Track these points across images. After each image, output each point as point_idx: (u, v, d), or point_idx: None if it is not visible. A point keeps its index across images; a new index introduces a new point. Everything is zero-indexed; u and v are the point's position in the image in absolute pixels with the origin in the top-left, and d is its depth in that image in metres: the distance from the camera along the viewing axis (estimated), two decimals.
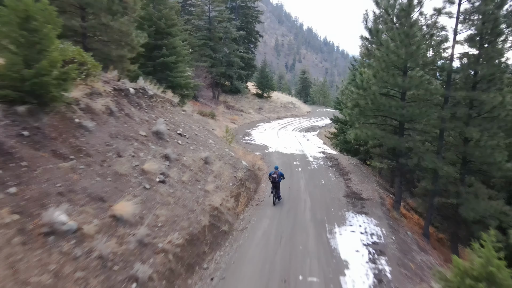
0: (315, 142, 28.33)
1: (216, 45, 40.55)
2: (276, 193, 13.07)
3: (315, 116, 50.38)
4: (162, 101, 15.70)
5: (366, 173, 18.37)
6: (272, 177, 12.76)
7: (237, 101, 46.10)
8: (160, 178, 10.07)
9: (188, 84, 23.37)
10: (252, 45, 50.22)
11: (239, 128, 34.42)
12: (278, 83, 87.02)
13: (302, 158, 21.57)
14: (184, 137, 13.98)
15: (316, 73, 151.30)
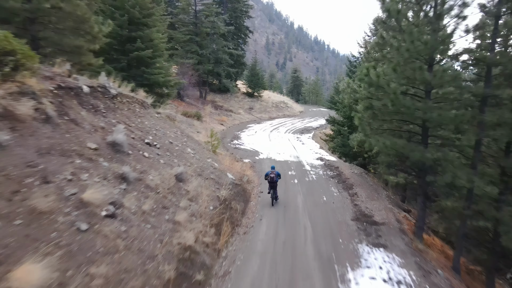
0: (311, 146, 25.60)
1: (203, 41, 37.55)
2: (274, 193, 12.79)
3: (308, 116, 47.72)
4: (130, 102, 12.75)
5: (374, 185, 15.66)
6: (270, 177, 12.39)
7: (226, 101, 43.17)
8: (108, 210, 7.12)
9: (168, 82, 20.42)
10: (242, 41, 47.26)
11: (228, 130, 31.54)
12: (269, 82, 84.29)
13: (298, 166, 18.80)
14: (153, 148, 11.07)
15: (307, 72, 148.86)
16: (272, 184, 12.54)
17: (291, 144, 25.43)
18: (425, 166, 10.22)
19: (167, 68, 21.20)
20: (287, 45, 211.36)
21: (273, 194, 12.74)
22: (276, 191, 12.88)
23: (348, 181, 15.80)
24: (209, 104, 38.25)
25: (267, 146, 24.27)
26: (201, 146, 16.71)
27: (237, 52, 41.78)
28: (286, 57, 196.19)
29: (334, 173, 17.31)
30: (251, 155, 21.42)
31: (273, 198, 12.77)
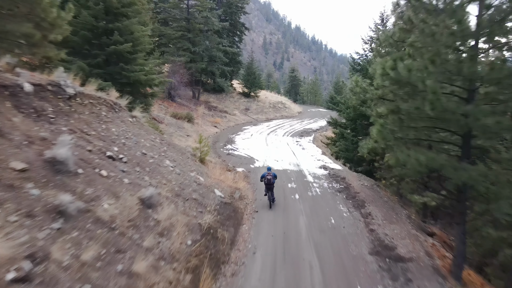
0: (312, 151, 23.14)
1: (195, 38, 35.05)
2: (271, 195, 12.30)
3: (307, 117, 45.29)
4: (94, 104, 10.27)
5: (389, 201, 13.18)
6: (267, 179, 12.02)
7: (221, 101, 40.67)
8: (20, 270, 4.66)
9: (152, 80, 17.90)
10: (238, 39, 44.75)
11: (221, 133, 29.05)
12: (267, 82, 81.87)
13: (298, 176, 16.35)
14: (118, 162, 8.57)
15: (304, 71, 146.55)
16: (269, 186, 12.09)
17: (290, 150, 22.97)
18: (466, 188, 7.81)
19: (150, 65, 18.70)
20: (285, 45, 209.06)
21: (270, 196, 12.27)
22: (273, 192, 12.39)
23: (359, 196, 13.35)
24: (202, 104, 35.75)
25: (263, 151, 21.82)
26: (186, 155, 14.22)
27: (232, 49, 39.29)
28: (283, 57, 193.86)
29: (341, 185, 14.86)
30: (246, 162, 18.96)
31: (270, 200, 12.29)
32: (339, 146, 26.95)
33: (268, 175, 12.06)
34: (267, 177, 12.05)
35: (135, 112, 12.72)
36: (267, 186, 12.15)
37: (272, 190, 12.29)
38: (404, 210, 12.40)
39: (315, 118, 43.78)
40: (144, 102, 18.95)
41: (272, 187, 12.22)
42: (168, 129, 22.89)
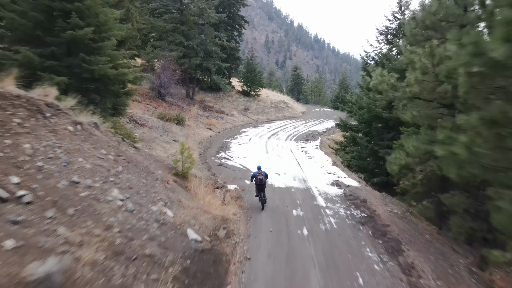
0: (321, 161, 19.38)
1: (189, 31, 31.38)
2: (262, 195, 11.54)
3: (311, 117, 41.53)
4: (3, 107, 6.77)
5: (433, 240, 9.47)
6: (258, 179, 11.22)
7: (218, 101, 37.00)
8: None
9: (123, 75, 14.26)
10: (237, 33, 41.00)
11: (216, 137, 25.39)
12: (269, 80, 78.18)
13: (306, 198, 12.64)
14: (12, 205, 4.98)
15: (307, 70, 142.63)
16: (260, 187, 11.45)
17: (295, 158, 19.25)
18: None
19: (123, 57, 15.06)
20: (287, 44, 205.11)
21: (262, 197, 11.62)
22: (265, 193, 11.68)
23: (390, 231, 9.64)
24: (197, 104, 32.11)
25: (263, 161, 18.16)
26: (154, 175, 10.56)
27: (230, 44, 35.55)
28: (286, 56, 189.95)
29: (363, 213, 11.12)
30: (241, 176, 15.32)
31: (262, 202, 11.66)
32: (350, 153, 23.32)
33: (259, 175, 11.35)
34: (258, 177, 11.32)
35: (82, 117, 9.06)
36: (259, 186, 11.44)
37: (263, 190, 11.58)
38: (462, 259, 8.62)
39: (321, 119, 40.04)
40: (116, 103, 15.38)
41: (264, 188, 11.52)
42: (150, 134, 19.28)
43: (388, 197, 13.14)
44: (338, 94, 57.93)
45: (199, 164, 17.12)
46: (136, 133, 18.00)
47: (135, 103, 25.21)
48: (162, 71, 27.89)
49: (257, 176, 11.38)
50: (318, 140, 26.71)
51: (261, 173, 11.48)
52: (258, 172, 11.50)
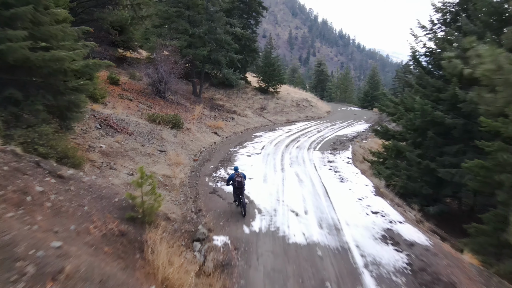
0: (358, 187, 13.40)
1: (196, 16, 26.11)
2: (242, 199, 10.01)
3: (338, 118, 35.47)
4: None
5: None
6: (237, 181, 9.84)
7: (230, 98, 31.63)
8: None
9: (59, 61, 9.14)
10: (253, 21, 35.37)
11: (221, 144, 20.03)
12: (291, 77, 72.23)
13: (343, 276, 6.95)
14: None
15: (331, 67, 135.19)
16: (240, 190, 9.93)
17: (320, 181, 13.50)
18: None
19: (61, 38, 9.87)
20: (311, 40, 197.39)
21: (242, 201, 9.98)
22: (244, 196, 10.09)
23: None
24: (204, 103, 26.88)
25: (275, 186, 12.61)
26: (82, 227, 5.21)
27: (245, 33, 29.90)
28: (309, 52, 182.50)
29: None
30: (237, 217, 9.88)
31: (242, 207, 9.99)
32: (393, 168, 17.45)
33: (237, 177, 9.91)
34: (236, 179, 9.87)
35: None
36: (238, 190, 9.94)
37: (243, 193, 10.05)
38: None
39: (349, 121, 33.94)
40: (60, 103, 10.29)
41: (243, 190, 10.03)
42: (125, 143, 14.12)
43: (493, 278, 7.25)
44: (368, 92, 51.36)
45: (183, 190, 11.79)
46: (101, 144, 12.89)
47: (126, 102, 20.23)
48: (160, 62, 22.78)
49: (235, 178, 9.97)
50: (349, 149, 20.82)
51: (239, 174, 10.08)
52: (236, 174, 10.08)
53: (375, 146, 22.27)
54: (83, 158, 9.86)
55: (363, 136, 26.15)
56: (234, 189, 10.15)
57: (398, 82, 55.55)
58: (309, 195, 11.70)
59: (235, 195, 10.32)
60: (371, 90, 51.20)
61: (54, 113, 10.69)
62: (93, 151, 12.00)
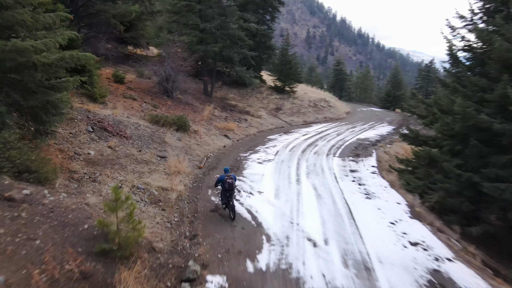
0: (388, 205, 11.13)
1: (207, 11, 24.26)
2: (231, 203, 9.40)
3: (359, 120, 32.99)
4: None
5: None
6: (228, 182, 9.20)
7: (243, 98, 29.68)
8: None
9: (22, 53, 7.43)
10: (269, 16, 33.25)
11: (231, 149, 18.10)
12: (309, 76, 69.73)
13: None
14: None
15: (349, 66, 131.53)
16: (230, 192, 9.35)
17: (343, 198, 11.33)
18: None
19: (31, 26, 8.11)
20: (329, 39, 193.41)
21: (231, 205, 9.42)
22: (233, 198, 9.50)
23: None
24: (215, 103, 25.03)
25: (287, 204, 10.58)
26: None
27: (260, 28, 27.80)
28: (327, 51, 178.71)
29: None
30: (241, 245, 7.88)
31: (231, 210, 9.45)
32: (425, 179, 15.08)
33: (228, 178, 9.25)
34: (227, 180, 9.22)
35: None
36: (228, 192, 9.30)
37: (232, 196, 9.47)
38: None
39: (371, 122, 31.42)
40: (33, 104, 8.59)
41: (233, 193, 9.46)
42: (119, 149, 12.36)
43: None
44: (390, 92, 48.45)
45: (180, 207, 9.89)
46: (90, 151, 11.15)
47: (129, 101, 18.60)
48: (167, 59, 21.04)
49: (226, 180, 9.30)
50: (373, 155, 18.52)
51: (230, 175, 9.41)
52: (226, 175, 9.40)
53: (401, 152, 19.84)
54: (55, 170, 8.08)
55: (387, 140, 23.72)
56: (223, 191, 9.52)
57: (421, 82, 52.41)
58: (329, 217, 9.60)
59: (224, 197, 9.62)
60: (393, 90, 48.27)
61: (27, 115, 9.00)
62: (78, 159, 10.26)
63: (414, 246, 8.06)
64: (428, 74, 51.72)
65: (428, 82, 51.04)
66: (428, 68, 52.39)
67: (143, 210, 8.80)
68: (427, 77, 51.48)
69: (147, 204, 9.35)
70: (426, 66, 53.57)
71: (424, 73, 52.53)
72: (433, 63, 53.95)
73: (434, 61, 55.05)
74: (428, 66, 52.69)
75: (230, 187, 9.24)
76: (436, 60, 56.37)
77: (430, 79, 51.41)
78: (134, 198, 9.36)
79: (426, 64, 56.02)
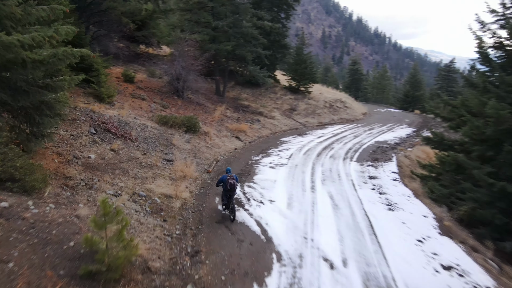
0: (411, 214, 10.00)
1: (219, 8, 23.44)
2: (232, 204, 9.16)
3: (376, 121, 31.60)
4: None
5: None
6: (230, 183, 9.00)
7: (257, 98, 28.76)
8: None
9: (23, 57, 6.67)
10: (284, 14, 32.18)
11: (243, 152, 17.21)
12: (324, 76, 68.27)
13: None
14: None
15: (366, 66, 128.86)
16: (231, 193, 9.12)
17: (361, 209, 10.24)
18: None
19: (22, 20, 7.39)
20: (345, 38, 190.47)
21: (231, 206, 9.16)
22: (234, 200, 9.29)
23: None
24: (227, 103, 24.19)
25: (301, 215, 9.59)
26: None
27: (274, 26, 26.75)
28: (343, 51, 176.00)
29: None
30: (248, 265, 6.97)
31: (231, 211, 9.17)
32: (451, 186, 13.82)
33: (229, 179, 9.06)
34: (229, 181, 9.02)
35: None
36: (229, 193, 9.10)
37: (233, 197, 9.22)
38: None
39: (389, 124, 30.00)
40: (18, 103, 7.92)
41: (234, 194, 9.21)
42: (123, 152, 11.62)
43: None
44: (408, 92, 46.66)
45: (183, 218, 9.03)
46: (90, 154, 10.43)
47: (137, 101, 17.95)
48: (177, 58, 20.31)
49: (227, 180, 9.03)
50: (393, 160, 17.31)
51: (232, 176, 9.16)
52: (228, 176, 9.15)
53: (423, 156, 18.52)
54: (45, 177, 7.33)
55: (407, 143, 22.37)
56: (225, 192, 9.30)
57: (441, 82, 50.37)
58: (348, 231, 8.57)
59: (225, 198, 9.41)
60: (412, 90, 46.46)
61: (19, 116, 8.32)
62: (76, 163, 9.53)
63: (447, 270, 6.97)
64: (448, 74, 49.69)
65: (448, 82, 49.02)
66: (448, 68, 50.31)
67: (142, 222, 7.97)
68: (447, 77, 49.45)
69: (147, 214, 8.53)
70: (446, 66, 51.46)
71: (444, 73, 50.47)
72: (453, 62, 51.80)
73: (455, 61, 52.87)
74: (449, 65, 50.59)
75: (231, 188, 9.05)
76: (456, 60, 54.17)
77: (451, 79, 49.37)
78: (134, 208, 8.56)
79: (446, 64, 53.85)
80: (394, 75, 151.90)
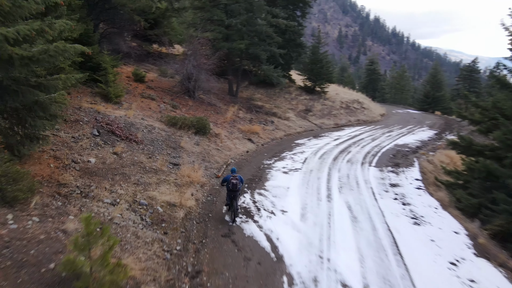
0: (440, 230, 8.84)
1: (233, 5, 22.61)
2: (234, 205, 8.99)
3: (395, 123, 30.17)
4: None
5: None
6: (232, 183, 8.86)
7: (271, 98, 27.82)
8: None
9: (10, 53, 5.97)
10: (300, 12, 31.09)
11: (255, 155, 16.32)
12: (340, 76, 66.66)
13: None
14: None
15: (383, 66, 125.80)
16: (234, 193, 8.96)
17: (383, 224, 9.17)
18: None
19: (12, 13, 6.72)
20: (361, 38, 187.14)
21: (234, 207, 8.99)
22: (237, 202, 9.16)
23: None
24: (240, 103, 23.35)
25: (316, 229, 8.61)
26: None
27: (290, 24, 25.64)
28: (360, 51, 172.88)
29: None
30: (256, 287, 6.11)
31: (234, 212, 9.02)
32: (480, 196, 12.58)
33: (233, 179, 8.92)
34: (232, 181, 8.88)
35: None
36: (232, 193, 8.96)
37: (236, 198, 9.09)
38: None
39: (409, 126, 28.55)
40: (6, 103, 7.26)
41: (237, 194, 9.09)
42: (126, 155, 10.89)
43: None
44: (428, 93, 44.78)
45: (186, 230, 8.21)
46: (90, 158, 9.74)
47: (147, 101, 17.31)
48: (189, 57, 19.59)
49: (230, 180, 8.89)
50: (415, 165, 16.09)
51: (235, 176, 9.01)
52: (232, 176, 8.99)
53: (447, 161, 17.20)
54: (32, 186, 6.62)
55: (429, 147, 21.01)
56: (228, 192, 9.17)
57: (462, 82, 48.23)
58: (369, 250, 7.56)
59: (228, 198, 9.28)
60: (432, 91, 44.57)
61: (10, 118, 7.67)
62: (73, 168, 8.84)
63: None
64: (471, 74, 47.55)
65: (471, 82, 46.88)
66: (470, 68, 48.14)
67: (139, 235, 7.17)
68: (469, 77, 47.32)
69: (146, 226, 7.74)
70: (468, 65, 49.26)
71: (465, 73, 48.33)
72: (476, 62, 49.58)
73: (477, 60, 50.62)
74: (471, 65, 48.39)
75: (233, 188, 8.91)
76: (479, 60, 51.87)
77: (473, 79, 47.24)
78: (132, 219, 7.78)
79: (467, 64, 51.61)
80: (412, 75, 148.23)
